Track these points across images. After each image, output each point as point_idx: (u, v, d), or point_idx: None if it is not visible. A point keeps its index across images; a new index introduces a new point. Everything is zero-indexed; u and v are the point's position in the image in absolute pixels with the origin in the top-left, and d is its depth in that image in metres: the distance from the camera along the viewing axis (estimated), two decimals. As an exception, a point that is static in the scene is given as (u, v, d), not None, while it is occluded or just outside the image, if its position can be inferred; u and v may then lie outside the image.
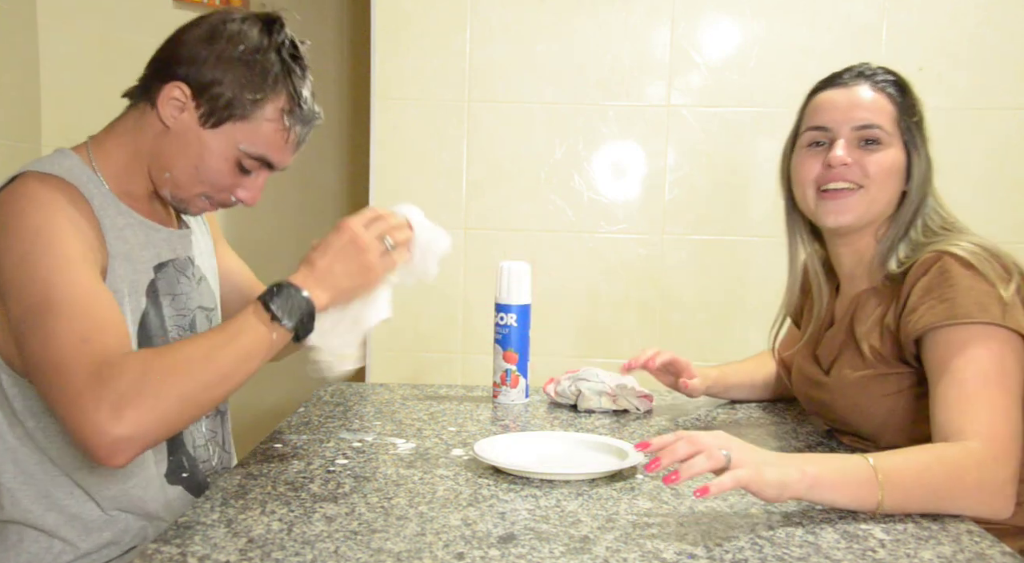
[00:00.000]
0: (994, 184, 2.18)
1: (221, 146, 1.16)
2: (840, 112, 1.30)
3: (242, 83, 1.15)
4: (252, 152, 1.17)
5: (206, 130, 1.16)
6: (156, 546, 0.85)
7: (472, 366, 2.27)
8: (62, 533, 1.14)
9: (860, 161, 1.28)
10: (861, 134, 1.28)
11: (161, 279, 1.21)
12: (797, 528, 0.93)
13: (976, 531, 0.94)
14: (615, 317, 2.27)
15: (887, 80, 1.31)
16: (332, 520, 0.92)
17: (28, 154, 2.40)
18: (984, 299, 1.13)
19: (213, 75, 1.15)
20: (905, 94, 1.30)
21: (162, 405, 0.96)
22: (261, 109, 1.16)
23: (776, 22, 2.21)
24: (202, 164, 1.17)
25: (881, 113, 1.28)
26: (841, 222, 1.30)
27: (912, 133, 1.29)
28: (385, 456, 1.18)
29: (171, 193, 1.20)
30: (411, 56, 2.24)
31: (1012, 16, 2.18)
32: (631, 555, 0.84)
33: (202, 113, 1.15)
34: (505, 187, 2.26)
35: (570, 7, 2.24)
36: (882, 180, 1.28)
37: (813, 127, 1.32)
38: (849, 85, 1.31)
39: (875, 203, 1.28)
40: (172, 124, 1.16)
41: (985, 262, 1.16)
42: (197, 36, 1.18)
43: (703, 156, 2.25)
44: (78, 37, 2.48)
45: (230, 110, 1.15)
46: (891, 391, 1.25)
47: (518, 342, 1.51)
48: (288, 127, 1.18)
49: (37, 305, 1.00)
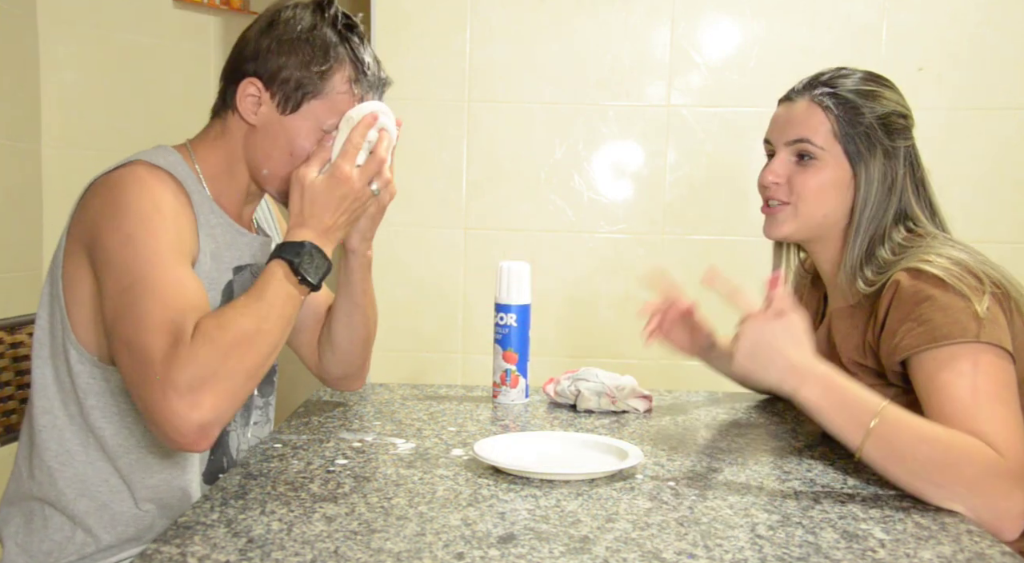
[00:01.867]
0: (994, 184, 2.18)
1: (305, 127, 1.20)
2: (778, 127, 1.32)
3: (306, 61, 1.19)
4: (335, 123, 1.21)
5: (287, 117, 1.20)
6: (156, 546, 0.85)
7: (472, 366, 2.28)
8: (89, 522, 1.16)
9: (791, 178, 1.29)
10: (794, 148, 1.29)
11: (237, 281, 1.26)
12: (797, 528, 0.93)
13: (976, 531, 0.94)
14: (615, 317, 2.27)
15: (827, 93, 1.27)
16: (332, 520, 0.92)
17: (28, 154, 2.40)
18: (961, 317, 1.10)
19: (278, 62, 1.19)
20: (849, 106, 1.25)
21: (232, 386, 0.99)
22: (330, 81, 1.20)
23: (776, 22, 2.21)
24: (293, 150, 1.20)
25: (814, 128, 1.27)
26: (774, 235, 1.35)
27: (857, 145, 1.25)
28: (385, 456, 1.18)
29: (275, 188, 1.25)
30: (411, 56, 2.24)
31: (1012, 16, 2.18)
32: (631, 555, 0.84)
33: (278, 101, 1.20)
34: (505, 187, 2.26)
35: (570, 7, 2.24)
36: (811, 197, 1.27)
37: (764, 140, 1.36)
38: (793, 99, 1.31)
39: (809, 218, 1.29)
40: (255, 120, 1.21)
41: (956, 278, 1.13)
42: (256, 31, 1.22)
43: (703, 156, 2.25)
44: (78, 37, 2.49)
45: (302, 90, 1.19)
46: None
47: (518, 342, 1.51)
48: (358, 95, 1.22)
49: (134, 286, 1.03)
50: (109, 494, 1.17)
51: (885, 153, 1.26)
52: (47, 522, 1.17)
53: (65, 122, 2.48)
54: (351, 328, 1.40)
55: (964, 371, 1.09)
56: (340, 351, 1.42)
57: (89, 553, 1.17)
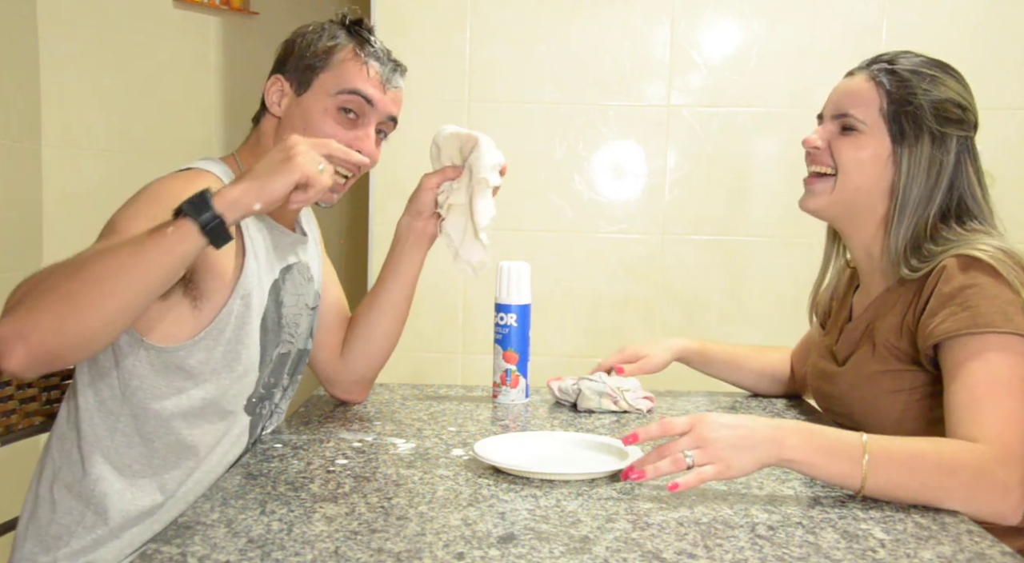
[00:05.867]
0: (994, 184, 2.18)
1: (318, 100, 1.25)
2: (832, 100, 1.32)
3: (315, 41, 1.27)
4: (342, 88, 1.25)
5: (302, 97, 1.26)
6: (156, 546, 0.85)
7: (472, 366, 2.28)
8: (106, 502, 1.18)
9: (832, 144, 1.28)
10: (839, 122, 1.28)
11: (286, 281, 1.30)
12: (797, 528, 0.93)
13: (976, 531, 0.94)
14: (615, 317, 2.27)
15: (885, 69, 1.26)
16: (332, 520, 0.92)
17: (28, 154, 2.40)
18: (1008, 308, 1.10)
19: (295, 54, 1.28)
20: (903, 85, 1.24)
21: (36, 306, 0.94)
22: (337, 54, 1.27)
23: (776, 22, 2.21)
24: (309, 125, 1.24)
25: (862, 102, 1.26)
26: (809, 206, 1.33)
27: (902, 124, 1.24)
28: (385, 456, 1.18)
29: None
30: (411, 56, 2.24)
31: (1012, 16, 2.18)
32: (631, 555, 0.84)
33: (293, 85, 1.27)
34: (505, 187, 2.25)
35: (570, 7, 2.24)
36: (849, 166, 1.26)
37: (818, 115, 1.35)
38: (854, 74, 1.31)
39: (843, 190, 1.27)
40: (279, 111, 1.28)
41: (1010, 269, 1.13)
42: (283, 43, 1.32)
43: (703, 156, 2.25)
44: (78, 37, 2.49)
45: (311, 65, 1.26)
46: (901, 388, 1.23)
47: (518, 342, 1.51)
48: (364, 61, 1.27)
49: (101, 234, 1.10)
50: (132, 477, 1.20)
51: (933, 139, 1.24)
52: (55, 506, 1.19)
53: (65, 122, 2.47)
54: (394, 320, 1.43)
55: (991, 360, 1.08)
56: (373, 347, 1.43)
57: (96, 537, 1.18)
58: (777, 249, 2.22)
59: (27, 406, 1.45)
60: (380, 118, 1.30)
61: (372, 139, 1.29)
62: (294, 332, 1.34)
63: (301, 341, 1.37)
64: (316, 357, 1.46)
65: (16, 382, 1.44)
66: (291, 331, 1.33)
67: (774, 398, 1.62)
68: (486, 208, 1.34)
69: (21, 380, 1.45)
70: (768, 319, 1.54)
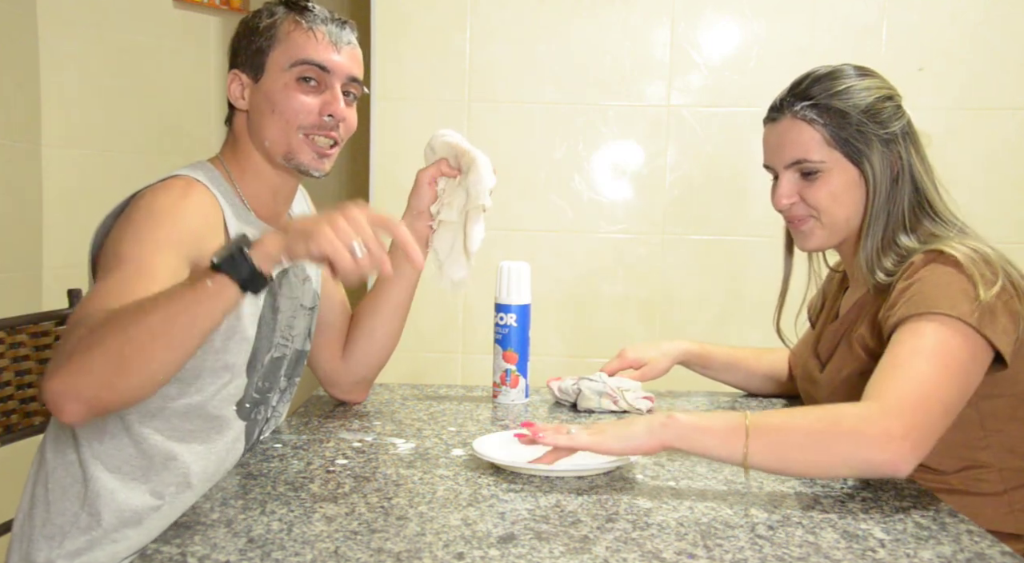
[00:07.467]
0: (993, 184, 2.18)
1: (276, 79, 1.24)
2: (773, 152, 1.33)
3: (256, 24, 1.26)
4: (294, 60, 1.23)
5: (260, 82, 1.25)
6: (156, 546, 0.85)
7: (472, 366, 2.28)
8: (99, 503, 1.18)
9: (803, 194, 1.29)
10: (795, 169, 1.29)
11: (282, 285, 1.30)
12: (797, 528, 0.93)
13: (976, 531, 0.94)
14: (615, 317, 2.27)
15: (806, 105, 1.27)
16: (332, 520, 0.92)
17: (28, 154, 2.40)
18: (958, 296, 1.10)
19: (242, 46, 1.27)
20: (832, 112, 1.25)
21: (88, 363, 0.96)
22: (280, 29, 1.25)
23: (776, 22, 2.21)
24: (275, 105, 1.23)
25: (808, 144, 1.26)
26: (807, 248, 1.36)
27: (852, 144, 1.25)
28: (385, 456, 1.18)
29: (284, 157, 1.26)
30: (411, 56, 2.24)
31: (1012, 16, 2.18)
32: (631, 555, 0.84)
33: (249, 74, 1.26)
34: (505, 187, 2.25)
35: (570, 7, 2.24)
36: (829, 206, 1.27)
37: (764, 165, 1.36)
38: (777, 120, 1.32)
39: (834, 225, 1.29)
40: (244, 105, 1.27)
41: (975, 263, 1.13)
42: (231, 40, 1.31)
43: (703, 156, 2.25)
44: (78, 37, 2.48)
45: (260, 48, 1.25)
46: None
47: (518, 342, 1.51)
48: (308, 27, 1.25)
49: (110, 262, 1.10)
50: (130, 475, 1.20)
51: (882, 141, 1.26)
52: (49, 507, 1.19)
53: (65, 122, 2.47)
54: (395, 321, 1.44)
55: (923, 334, 1.08)
56: (374, 348, 1.44)
57: (90, 538, 1.18)
58: (777, 249, 2.21)
59: (27, 406, 1.45)
60: (341, 80, 1.26)
61: (341, 100, 1.26)
62: (289, 335, 1.34)
63: (298, 342, 1.37)
64: (317, 358, 1.46)
65: (15, 383, 1.44)
66: (286, 334, 1.33)
67: (773, 398, 1.62)
68: (479, 232, 1.36)
69: (21, 380, 1.45)
70: (768, 319, 1.54)
